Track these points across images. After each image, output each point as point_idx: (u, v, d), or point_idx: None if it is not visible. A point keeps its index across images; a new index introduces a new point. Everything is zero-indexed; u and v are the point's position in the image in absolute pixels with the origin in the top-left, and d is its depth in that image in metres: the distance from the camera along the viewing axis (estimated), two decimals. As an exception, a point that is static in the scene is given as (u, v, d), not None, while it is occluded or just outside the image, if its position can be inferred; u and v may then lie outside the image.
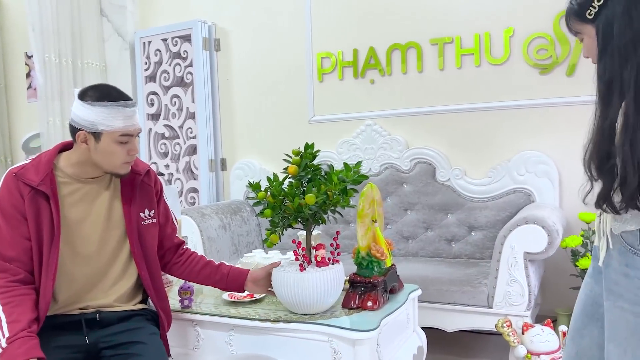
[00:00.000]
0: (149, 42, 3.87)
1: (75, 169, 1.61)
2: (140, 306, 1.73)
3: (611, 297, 1.27)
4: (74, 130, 1.57)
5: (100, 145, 1.55)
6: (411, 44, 3.18)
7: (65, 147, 1.66)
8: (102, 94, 1.56)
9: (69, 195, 1.60)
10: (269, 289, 1.84)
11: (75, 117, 1.56)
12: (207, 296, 2.06)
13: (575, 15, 1.27)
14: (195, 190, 3.82)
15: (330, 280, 1.71)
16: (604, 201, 1.19)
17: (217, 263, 1.88)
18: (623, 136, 1.15)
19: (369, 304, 1.79)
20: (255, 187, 1.78)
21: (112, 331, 1.62)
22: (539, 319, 2.59)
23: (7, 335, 1.39)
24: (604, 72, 1.22)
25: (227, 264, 1.90)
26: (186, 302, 1.92)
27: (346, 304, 1.81)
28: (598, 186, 1.22)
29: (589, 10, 1.24)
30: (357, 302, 1.80)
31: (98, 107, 1.53)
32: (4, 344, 1.38)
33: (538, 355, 2.23)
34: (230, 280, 1.84)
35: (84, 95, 1.56)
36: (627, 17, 1.17)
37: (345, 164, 1.80)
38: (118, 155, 1.58)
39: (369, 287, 1.82)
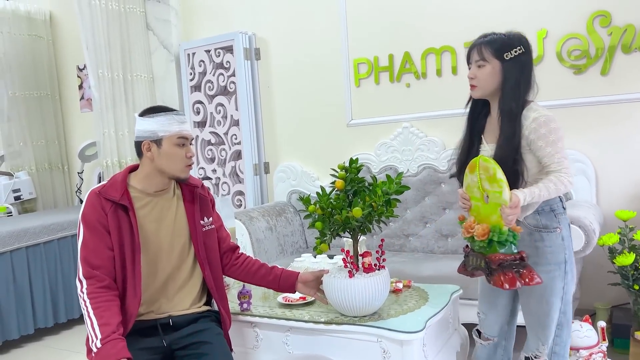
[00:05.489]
0: (193, 54, 4.06)
1: (144, 183, 1.84)
2: (205, 308, 1.94)
3: None
4: (138, 144, 1.83)
5: (162, 149, 1.81)
6: (446, 48, 3.27)
7: (132, 169, 1.89)
8: (156, 109, 1.85)
9: (142, 208, 1.82)
10: (317, 293, 2.00)
11: (139, 133, 1.83)
12: (263, 299, 2.24)
13: (493, 50, 1.76)
14: (241, 193, 4.01)
15: (377, 285, 1.86)
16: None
17: (270, 266, 2.06)
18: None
19: (536, 278, 1.64)
20: (305, 201, 1.94)
21: (183, 333, 1.82)
22: (578, 312, 2.66)
23: (99, 336, 1.60)
24: (511, 97, 1.73)
25: (279, 267, 2.07)
26: (245, 305, 2.10)
27: (512, 285, 1.62)
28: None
29: (508, 54, 1.74)
30: (520, 281, 1.63)
31: (155, 117, 1.81)
32: (98, 344, 1.59)
33: (577, 350, 2.31)
34: (283, 280, 2.02)
35: (143, 114, 1.84)
36: (529, 65, 1.76)
37: (387, 176, 1.94)
38: (179, 157, 1.83)
39: (519, 263, 1.65)
